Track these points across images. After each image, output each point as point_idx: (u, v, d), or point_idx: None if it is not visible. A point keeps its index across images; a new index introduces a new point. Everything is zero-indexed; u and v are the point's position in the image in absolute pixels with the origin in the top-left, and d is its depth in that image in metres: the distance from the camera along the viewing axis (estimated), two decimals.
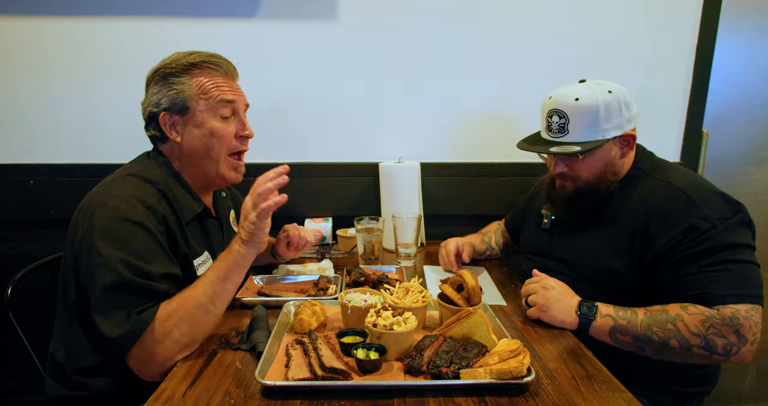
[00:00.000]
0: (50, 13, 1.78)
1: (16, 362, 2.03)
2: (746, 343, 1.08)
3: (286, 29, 1.84)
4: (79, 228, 1.08)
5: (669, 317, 1.11)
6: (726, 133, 2.09)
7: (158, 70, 1.22)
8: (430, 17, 1.85)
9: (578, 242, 1.37)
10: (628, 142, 1.30)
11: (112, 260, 1.01)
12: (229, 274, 1.07)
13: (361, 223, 1.63)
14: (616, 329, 1.13)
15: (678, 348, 1.10)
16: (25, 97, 1.84)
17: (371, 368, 0.94)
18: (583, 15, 1.88)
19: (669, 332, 1.09)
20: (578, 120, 1.26)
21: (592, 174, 1.31)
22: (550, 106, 1.30)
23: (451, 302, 1.14)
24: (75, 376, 1.16)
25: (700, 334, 1.08)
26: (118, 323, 0.99)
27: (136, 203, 1.09)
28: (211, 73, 1.23)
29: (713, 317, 1.08)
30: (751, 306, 1.09)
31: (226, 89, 1.23)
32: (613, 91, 1.26)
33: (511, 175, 1.97)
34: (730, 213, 1.16)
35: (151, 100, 1.21)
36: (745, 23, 2.00)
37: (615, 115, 1.25)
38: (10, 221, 1.92)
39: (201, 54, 1.23)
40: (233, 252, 1.08)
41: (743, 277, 1.11)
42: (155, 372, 1.01)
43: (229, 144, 1.25)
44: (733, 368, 2.31)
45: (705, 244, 1.14)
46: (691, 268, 1.14)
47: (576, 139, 1.27)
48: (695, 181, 1.24)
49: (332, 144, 1.95)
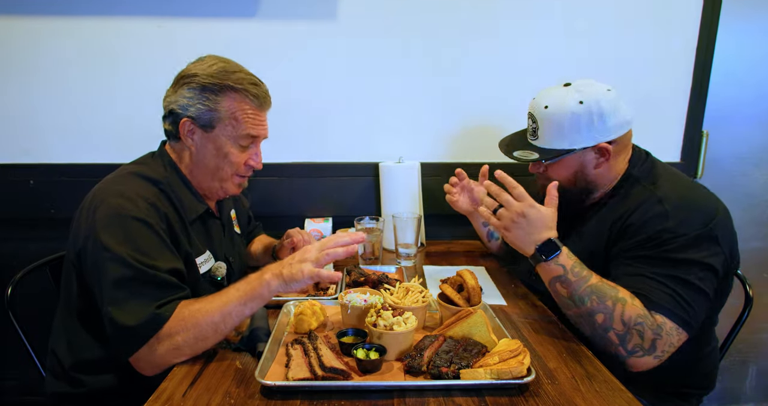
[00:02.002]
0: (50, 13, 1.78)
1: (16, 362, 2.03)
2: (653, 353, 1.07)
3: (286, 29, 1.84)
4: (83, 225, 1.09)
5: (615, 295, 1.09)
6: (726, 133, 2.09)
7: (196, 76, 1.18)
8: (430, 17, 1.85)
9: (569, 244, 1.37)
10: (603, 153, 1.26)
11: (121, 253, 1.02)
12: (250, 301, 1.03)
13: (361, 223, 1.63)
14: (561, 279, 1.13)
15: (599, 324, 1.09)
16: (25, 97, 1.84)
17: (371, 368, 0.94)
18: (583, 16, 1.88)
19: (603, 307, 1.08)
20: (545, 127, 1.28)
21: (564, 179, 1.31)
22: (529, 107, 1.33)
23: (451, 302, 1.14)
24: (75, 373, 1.16)
25: (627, 323, 1.07)
26: (135, 312, 0.98)
27: (139, 200, 1.09)
28: (249, 102, 1.21)
29: (647, 318, 1.07)
30: (676, 328, 1.08)
31: (255, 123, 1.23)
32: (586, 101, 1.22)
33: (511, 175, 1.96)
34: (697, 228, 1.13)
35: (180, 102, 1.19)
36: (745, 23, 2.00)
37: (584, 127, 1.23)
38: (10, 221, 1.92)
39: (245, 77, 1.21)
40: (265, 284, 1.03)
41: (684, 300, 1.09)
42: (149, 370, 1.02)
43: (237, 170, 1.27)
44: (733, 368, 2.31)
45: (661, 253, 1.13)
46: (641, 269, 1.14)
47: (545, 144, 1.29)
48: (680, 194, 1.20)
49: (332, 144, 1.95)
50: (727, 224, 1.18)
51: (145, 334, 0.98)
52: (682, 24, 1.91)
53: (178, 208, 1.19)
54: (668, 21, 1.90)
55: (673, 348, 1.09)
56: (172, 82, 1.23)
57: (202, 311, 1.01)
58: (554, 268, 1.14)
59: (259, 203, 1.86)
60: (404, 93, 1.92)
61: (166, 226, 1.13)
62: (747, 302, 1.47)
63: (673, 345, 1.09)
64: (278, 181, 1.92)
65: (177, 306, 1.01)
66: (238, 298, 1.02)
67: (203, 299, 1.04)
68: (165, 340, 0.99)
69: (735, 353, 2.29)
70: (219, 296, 1.04)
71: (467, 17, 1.86)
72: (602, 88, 1.25)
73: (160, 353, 0.99)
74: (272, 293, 1.04)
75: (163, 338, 0.99)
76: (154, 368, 1.01)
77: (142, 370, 1.03)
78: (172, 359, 1.00)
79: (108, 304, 1.01)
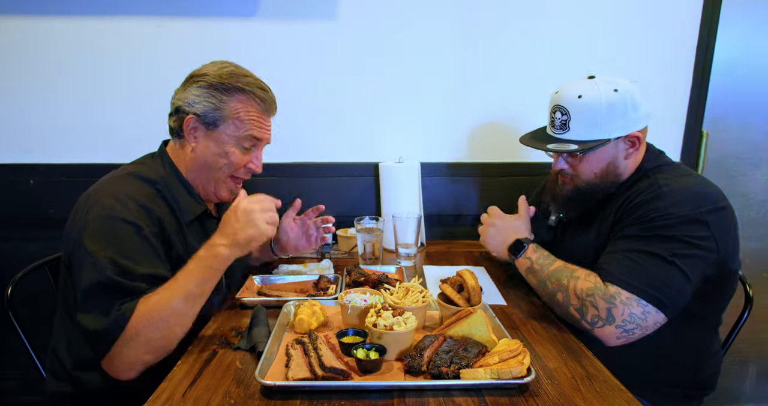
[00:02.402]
0: (50, 13, 1.78)
1: (16, 362, 2.03)
2: (613, 323, 1.09)
3: (286, 29, 1.84)
4: (75, 226, 1.10)
5: (570, 275, 1.18)
6: (726, 133, 2.09)
7: (206, 75, 1.21)
8: (430, 17, 1.85)
9: (581, 241, 1.37)
10: (634, 143, 1.27)
11: (99, 257, 1.02)
12: (208, 278, 1.04)
13: (361, 223, 1.63)
14: (530, 269, 1.28)
15: (561, 302, 1.18)
16: (25, 97, 1.84)
17: (371, 368, 0.94)
18: (583, 16, 1.88)
19: (560, 286, 1.18)
20: (580, 118, 1.25)
21: (594, 173, 1.30)
22: (554, 101, 1.30)
23: (451, 302, 1.14)
24: (76, 372, 1.16)
25: (580, 296, 1.14)
26: (98, 317, 0.99)
27: (130, 202, 1.10)
28: (255, 105, 1.23)
29: (598, 289, 1.12)
30: (635, 297, 1.08)
31: (259, 126, 1.25)
32: (619, 90, 1.23)
33: (511, 175, 1.97)
34: (687, 210, 1.13)
35: (187, 99, 1.21)
36: (745, 23, 2.00)
37: (619, 115, 1.23)
38: (10, 221, 1.92)
39: (253, 81, 1.24)
40: (220, 257, 1.03)
41: (646, 272, 1.10)
42: (124, 372, 1.01)
43: (236, 171, 1.27)
44: (733, 368, 2.31)
45: (642, 231, 1.15)
46: (618, 246, 1.17)
47: (577, 137, 1.27)
48: (681, 181, 1.20)
49: (332, 144, 1.95)
50: (725, 218, 1.17)
51: (107, 338, 0.98)
52: (682, 24, 1.91)
53: (174, 209, 1.20)
54: (668, 21, 1.90)
55: (636, 319, 1.08)
56: (183, 81, 1.25)
57: (162, 301, 1.00)
58: (523, 261, 1.29)
59: None
60: (404, 93, 1.92)
61: (158, 229, 1.13)
62: (747, 302, 1.47)
63: (634, 315, 1.08)
64: (278, 181, 1.92)
65: (137, 303, 1.00)
66: (196, 279, 1.02)
67: (161, 288, 1.02)
68: (132, 339, 0.98)
69: (735, 353, 2.29)
70: (175, 281, 1.03)
71: (467, 17, 1.86)
72: (627, 80, 1.27)
73: (130, 353, 0.99)
74: (228, 263, 1.05)
75: (130, 338, 0.98)
76: (130, 369, 1.01)
77: (118, 373, 1.02)
78: (145, 357, 1.00)
79: (77, 309, 1.02)
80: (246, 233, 1.04)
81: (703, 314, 1.25)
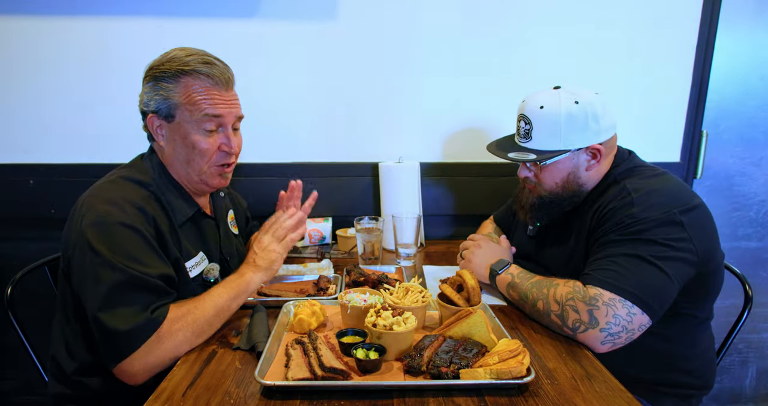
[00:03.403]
0: (50, 13, 1.78)
1: (16, 362, 2.03)
2: (597, 326, 1.06)
3: (286, 29, 1.84)
4: (72, 233, 1.08)
5: (549, 283, 1.18)
6: (726, 133, 2.09)
7: (151, 68, 1.18)
8: (430, 17, 1.85)
9: (556, 249, 1.39)
10: (595, 155, 1.28)
11: (111, 260, 1.02)
12: (237, 297, 1.15)
13: (361, 223, 1.63)
14: (511, 284, 1.27)
15: (542, 311, 1.16)
16: (25, 97, 1.84)
17: (371, 368, 0.94)
18: (583, 16, 1.88)
19: (540, 294, 1.18)
20: (541, 128, 1.28)
21: (555, 183, 1.32)
22: (520, 110, 1.33)
23: (451, 302, 1.14)
24: (76, 376, 1.16)
25: (560, 302, 1.13)
26: (127, 317, 0.99)
27: (126, 206, 1.09)
28: (202, 82, 1.16)
29: (577, 293, 1.11)
30: (619, 298, 1.07)
31: (213, 102, 1.17)
32: (580, 102, 1.24)
33: (511, 175, 1.96)
34: (659, 213, 1.14)
35: (144, 99, 1.20)
36: (745, 23, 2.00)
37: (579, 127, 1.25)
38: (10, 221, 1.92)
39: (196, 59, 1.16)
40: (248, 282, 1.17)
41: (627, 272, 1.10)
42: (141, 375, 1.01)
43: (210, 158, 1.21)
44: (733, 368, 2.31)
45: (619, 236, 1.15)
46: (597, 254, 1.18)
47: (538, 146, 1.29)
48: (649, 185, 1.21)
49: (332, 144, 1.95)
50: (699, 216, 1.17)
51: (138, 338, 0.99)
52: (682, 24, 1.91)
53: (167, 211, 1.19)
54: (668, 21, 1.90)
55: (620, 321, 1.06)
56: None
57: (198, 308, 1.07)
58: (504, 277, 1.30)
59: (258, 203, 1.85)
60: (404, 93, 1.92)
61: (154, 230, 1.12)
62: (747, 302, 1.47)
63: (618, 316, 1.06)
64: (278, 181, 1.92)
65: (169, 308, 1.04)
66: (228, 295, 1.13)
67: (192, 299, 1.10)
68: (165, 339, 1.00)
69: (735, 353, 2.29)
70: (209, 295, 1.12)
71: (467, 18, 1.86)
72: (591, 92, 1.28)
73: (158, 354, 1.00)
74: (257, 286, 1.20)
75: (164, 337, 1.00)
76: (147, 374, 1.01)
77: (134, 377, 1.02)
78: (168, 359, 1.01)
79: (97, 310, 1.00)
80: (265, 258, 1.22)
81: (689, 310, 1.25)
